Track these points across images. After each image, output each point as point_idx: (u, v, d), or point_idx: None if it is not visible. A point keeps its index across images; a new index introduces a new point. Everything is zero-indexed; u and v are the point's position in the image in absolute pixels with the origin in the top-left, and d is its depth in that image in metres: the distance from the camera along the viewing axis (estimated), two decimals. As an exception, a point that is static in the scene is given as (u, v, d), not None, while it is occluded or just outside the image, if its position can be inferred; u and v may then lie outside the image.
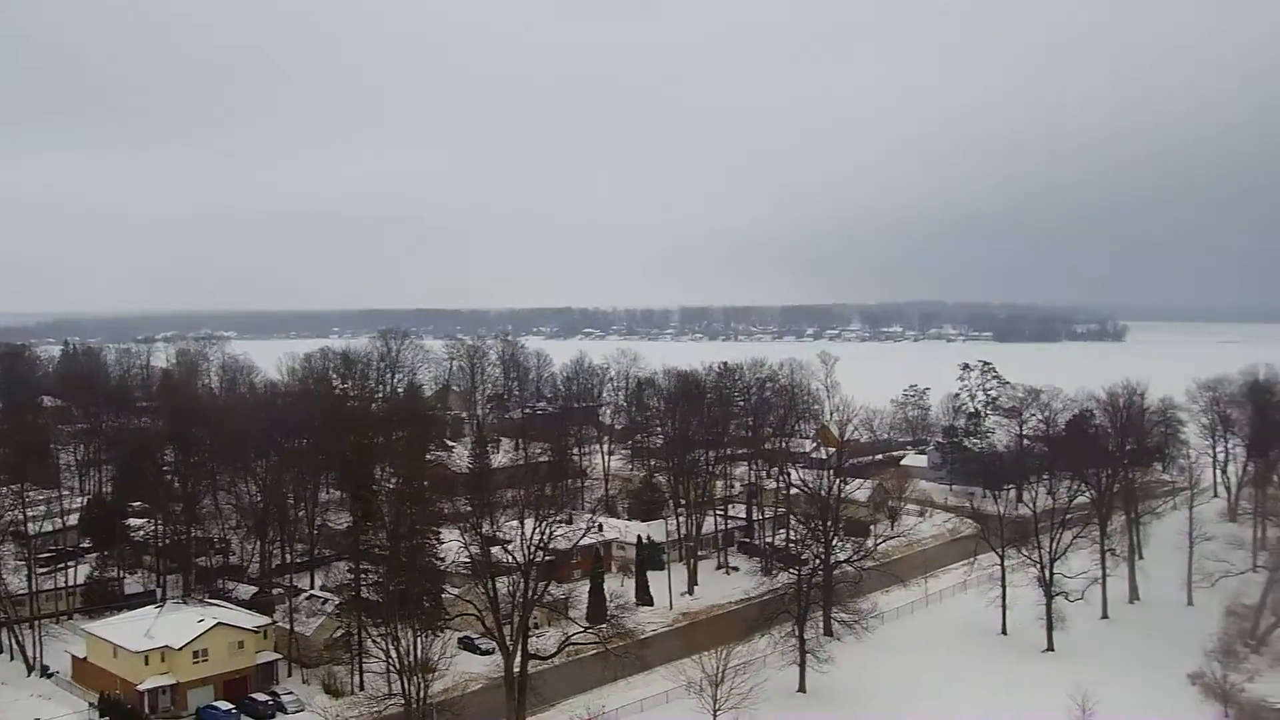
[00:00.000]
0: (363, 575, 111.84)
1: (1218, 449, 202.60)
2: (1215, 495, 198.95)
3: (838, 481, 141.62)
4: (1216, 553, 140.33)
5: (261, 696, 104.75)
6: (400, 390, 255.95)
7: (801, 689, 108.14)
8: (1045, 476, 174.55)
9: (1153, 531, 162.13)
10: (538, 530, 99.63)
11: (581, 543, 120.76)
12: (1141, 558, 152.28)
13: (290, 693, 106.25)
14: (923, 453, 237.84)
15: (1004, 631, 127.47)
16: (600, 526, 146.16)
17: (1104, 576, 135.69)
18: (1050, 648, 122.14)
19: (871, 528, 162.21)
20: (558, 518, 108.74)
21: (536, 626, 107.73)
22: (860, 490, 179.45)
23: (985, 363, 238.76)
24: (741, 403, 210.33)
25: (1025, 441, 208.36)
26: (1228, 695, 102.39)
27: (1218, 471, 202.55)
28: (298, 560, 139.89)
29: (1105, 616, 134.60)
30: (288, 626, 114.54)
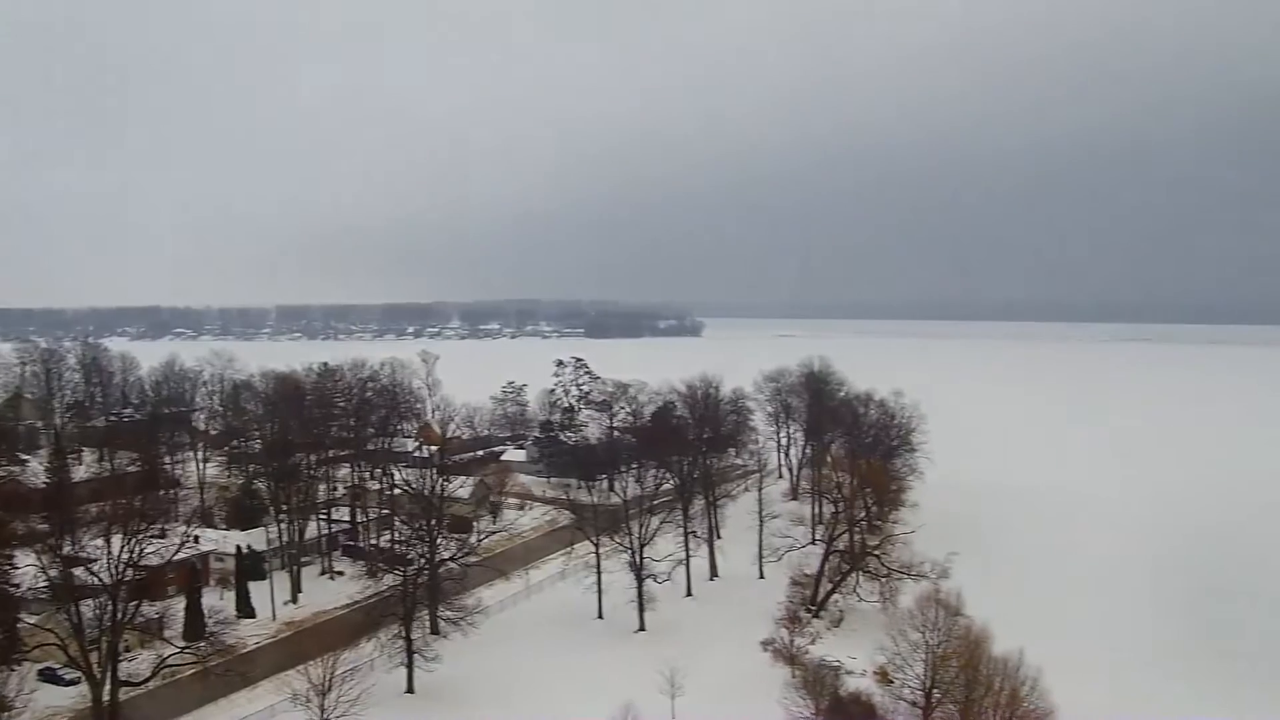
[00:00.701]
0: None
1: (781, 434, 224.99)
2: (780, 477, 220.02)
3: (441, 480, 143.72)
4: (782, 529, 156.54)
5: None
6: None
7: (410, 689, 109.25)
8: (634, 466, 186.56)
9: (729, 513, 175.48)
10: (126, 547, 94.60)
11: (176, 557, 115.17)
12: (720, 537, 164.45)
13: None
14: (522, 448, 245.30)
15: (600, 616, 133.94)
16: (196, 538, 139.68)
17: (688, 557, 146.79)
18: (643, 628, 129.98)
19: (474, 524, 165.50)
20: (149, 532, 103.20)
21: (128, 650, 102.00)
22: (463, 488, 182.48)
23: (578, 359, 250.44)
24: (343, 404, 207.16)
25: (615, 433, 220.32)
26: (794, 657, 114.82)
27: (781, 455, 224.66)
28: None
29: (690, 594, 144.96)
30: None
